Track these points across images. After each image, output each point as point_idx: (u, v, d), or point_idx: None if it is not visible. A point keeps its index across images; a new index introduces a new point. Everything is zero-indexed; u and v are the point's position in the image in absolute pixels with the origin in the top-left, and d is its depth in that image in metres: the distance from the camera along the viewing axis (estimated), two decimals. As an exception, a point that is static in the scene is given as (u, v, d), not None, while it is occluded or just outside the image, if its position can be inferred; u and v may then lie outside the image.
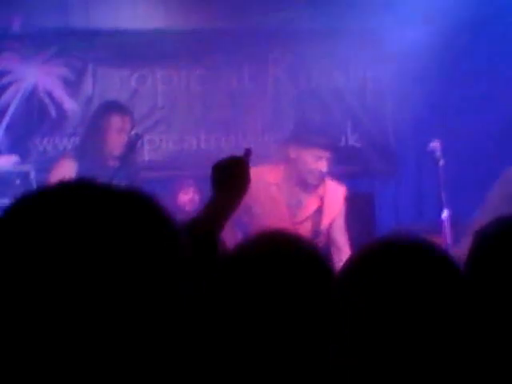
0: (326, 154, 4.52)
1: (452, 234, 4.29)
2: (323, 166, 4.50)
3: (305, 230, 4.50)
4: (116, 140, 4.86)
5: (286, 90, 6.21)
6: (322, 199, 4.62)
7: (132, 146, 4.85)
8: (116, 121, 4.86)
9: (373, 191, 5.78)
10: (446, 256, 1.62)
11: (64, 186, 1.05)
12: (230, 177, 2.19)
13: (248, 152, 2.28)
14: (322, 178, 4.55)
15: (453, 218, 4.43)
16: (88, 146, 4.96)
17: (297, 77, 6.22)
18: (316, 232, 4.56)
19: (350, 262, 1.63)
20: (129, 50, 5.89)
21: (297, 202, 4.62)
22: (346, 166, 6.00)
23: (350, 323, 1.53)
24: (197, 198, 5.41)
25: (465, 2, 5.80)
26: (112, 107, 5.02)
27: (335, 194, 4.66)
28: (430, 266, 1.56)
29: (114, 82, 5.97)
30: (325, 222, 4.61)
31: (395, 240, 1.63)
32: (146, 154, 5.97)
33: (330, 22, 6.03)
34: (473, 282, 1.72)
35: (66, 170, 4.84)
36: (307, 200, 4.62)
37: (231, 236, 4.41)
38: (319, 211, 4.60)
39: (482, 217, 3.64)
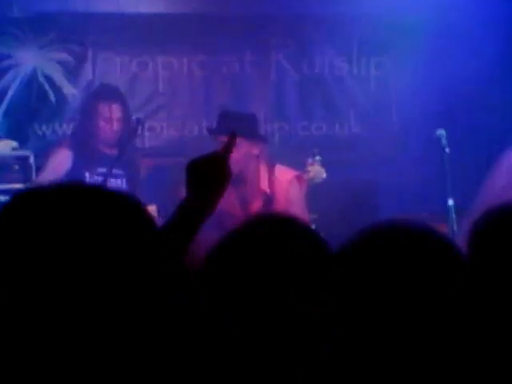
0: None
1: (457, 222, 4.27)
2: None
3: None
4: (105, 128, 4.82)
5: (288, 75, 6.15)
6: (265, 193, 4.45)
7: (133, 132, 4.79)
8: (103, 109, 4.83)
9: (377, 179, 5.74)
10: (448, 242, 1.56)
11: (57, 189, 1.12)
12: (207, 177, 1.95)
13: (233, 137, 2.04)
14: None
15: (457, 206, 4.40)
16: (79, 135, 4.94)
17: (299, 63, 6.16)
18: None
19: (349, 245, 1.56)
20: (129, 34, 5.83)
21: (242, 199, 4.48)
22: (350, 153, 5.97)
23: (347, 309, 1.47)
24: None
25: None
26: (99, 95, 4.96)
27: (281, 184, 4.48)
28: (432, 251, 1.51)
29: (114, 67, 5.91)
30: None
31: (396, 225, 1.58)
32: (147, 140, 5.91)
33: (334, 8, 5.97)
34: (474, 269, 1.68)
35: (62, 160, 4.81)
36: (249, 197, 4.46)
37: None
38: (268, 203, 4.43)
39: (482, 203, 3.60)
